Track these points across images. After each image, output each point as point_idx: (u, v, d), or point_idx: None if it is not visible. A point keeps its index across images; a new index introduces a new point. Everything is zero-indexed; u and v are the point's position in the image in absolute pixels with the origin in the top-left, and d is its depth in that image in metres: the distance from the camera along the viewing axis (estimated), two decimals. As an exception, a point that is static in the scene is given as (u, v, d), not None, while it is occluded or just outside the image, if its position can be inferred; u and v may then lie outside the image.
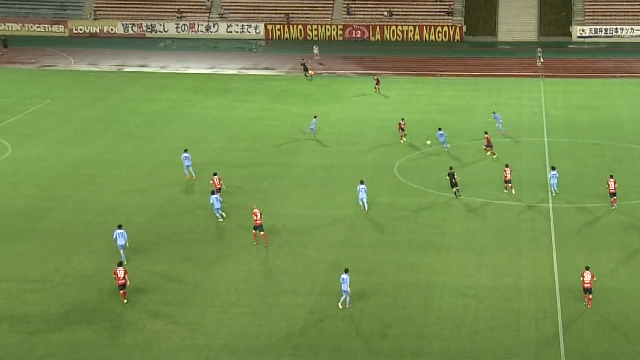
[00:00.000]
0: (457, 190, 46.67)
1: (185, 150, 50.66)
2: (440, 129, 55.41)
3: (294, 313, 34.40)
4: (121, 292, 35.16)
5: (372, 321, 33.86)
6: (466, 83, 75.61)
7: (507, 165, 48.31)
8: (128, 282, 35.19)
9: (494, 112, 60.55)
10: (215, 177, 46.23)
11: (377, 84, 71.19)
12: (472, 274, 37.88)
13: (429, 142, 55.06)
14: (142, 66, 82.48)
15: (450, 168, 48.01)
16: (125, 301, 35.15)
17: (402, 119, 57.70)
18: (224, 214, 43.58)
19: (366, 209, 44.71)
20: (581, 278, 35.17)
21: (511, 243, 41.09)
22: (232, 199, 46.64)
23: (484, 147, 53.71)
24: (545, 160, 53.26)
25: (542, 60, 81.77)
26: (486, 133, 54.60)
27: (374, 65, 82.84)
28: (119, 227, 39.14)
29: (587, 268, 35.33)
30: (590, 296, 34.93)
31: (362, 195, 44.76)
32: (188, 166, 49.60)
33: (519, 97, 70.32)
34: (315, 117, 59.02)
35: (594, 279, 34.99)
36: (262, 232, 40.71)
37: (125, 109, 66.39)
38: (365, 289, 36.24)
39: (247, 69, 79.98)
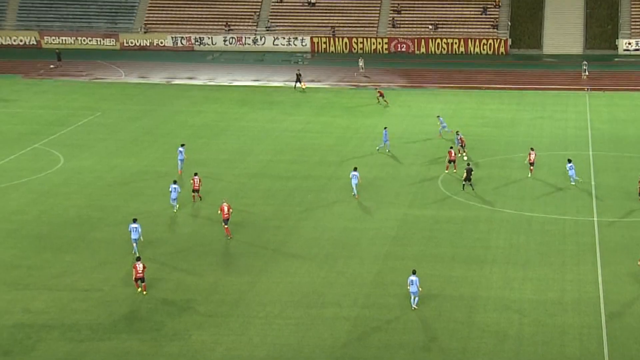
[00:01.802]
0: (467, 184, 49.28)
1: (182, 145, 54.11)
2: (385, 128, 57.73)
3: (338, 325, 34.75)
4: (141, 284, 37.38)
5: (416, 334, 34.08)
6: (511, 96, 75.45)
7: (532, 149, 52.83)
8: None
9: (438, 116, 62.53)
10: (196, 177, 48.61)
11: (380, 96, 71.59)
12: (516, 287, 37.90)
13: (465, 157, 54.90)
14: (190, 79, 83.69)
15: (468, 164, 50.64)
16: (145, 292, 37.32)
17: (458, 132, 57.48)
18: (177, 205, 47.05)
19: (355, 194, 48.65)
20: (639, 262, 38.20)
21: (556, 257, 41.01)
22: (277, 211, 47.25)
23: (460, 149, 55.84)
24: (590, 174, 53.00)
25: (587, 73, 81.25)
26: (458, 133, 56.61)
27: (419, 78, 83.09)
28: (134, 220, 41.46)
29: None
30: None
31: (355, 181, 48.52)
32: (181, 160, 53.27)
33: (564, 110, 70.00)
34: (385, 128, 58.49)
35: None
36: (226, 226, 43.13)
37: (173, 121, 67.48)
38: (409, 302, 36.44)
39: (293, 82, 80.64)
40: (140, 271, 37.32)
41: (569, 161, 51.33)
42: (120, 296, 37.35)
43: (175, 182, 47.56)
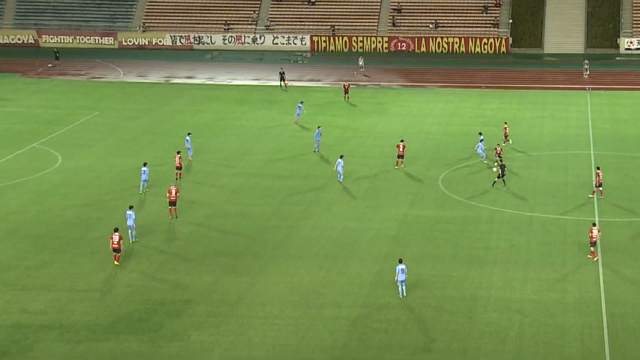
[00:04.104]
0: (499, 181, 49.81)
1: (189, 134, 56.43)
2: (319, 127, 58.27)
3: (337, 325, 34.55)
4: (115, 255, 39.78)
5: (416, 335, 33.87)
6: (512, 95, 75.28)
7: (506, 122, 59.42)
8: (122, 248, 40.05)
9: (302, 102, 66.13)
10: (178, 155, 52.02)
11: (345, 93, 72.12)
12: (516, 288, 37.70)
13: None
14: (189, 78, 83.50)
15: (501, 160, 50.89)
16: (117, 263, 39.81)
17: (498, 145, 54.48)
18: (146, 189, 49.35)
19: (340, 180, 50.78)
20: (590, 234, 40.07)
21: (557, 257, 40.80)
22: (276, 211, 47.06)
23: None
24: (591, 173, 52.79)
25: (588, 72, 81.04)
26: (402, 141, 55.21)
27: (419, 78, 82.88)
28: (130, 207, 42.83)
29: (594, 225, 40.55)
30: (593, 249, 40.14)
31: (340, 169, 50.67)
32: (189, 148, 55.37)
33: (566, 109, 69.86)
34: (319, 127, 58.82)
35: (600, 234, 40.23)
36: (174, 207, 45.53)
37: (172, 120, 67.28)
38: (409, 302, 36.28)
39: (292, 81, 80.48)
40: (116, 242, 39.53)
41: (480, 134, 55.22)
42: (119, 297, 37.14)
43: (145, 165, 49.62)
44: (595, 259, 40.11)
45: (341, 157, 51.65)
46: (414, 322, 34.82)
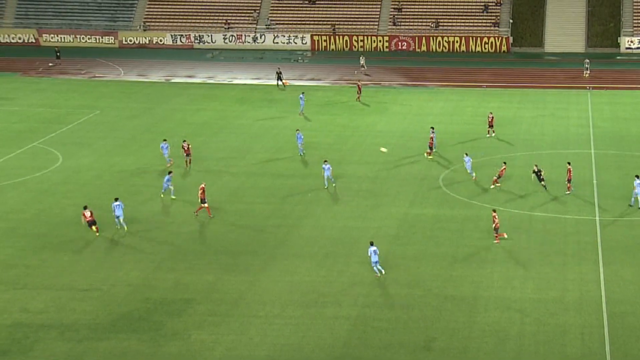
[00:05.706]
0: (544, 185, 49.29)
1: (164, 140, 55.73)
2: (298, 130, 57.89)
3: (338, 324, 34.55)
4: (93, 227, 42.73)
5: (416, 334, 33.86)
6: (512, 94, 75.24)
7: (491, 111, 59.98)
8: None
9: (303, 93, 67.47)
10: (185, 143, 54.20)
11: (358, 92, 72.23)
12: (517, 287, 37.69)
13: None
14: (189, 77, 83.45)
15: (536, 165, 49.92)
16: (97, 233, 42.81)
17: (503, 164, 51.86)
18: (163, 194, 49.03)
19: (326, 185, 50.00)
20: (494, 219, 41.95)
21: (557, 256, 40.78)
22: (277, 210, 47.04)
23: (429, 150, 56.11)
24: (592, 172, 52.80)
25: (589, 71, 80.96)
26: (432, 128, 57.30)
27: (420, 77, 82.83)
28: (116, 199, 44.11)
29: (494, 210, 42.70)
30: (496, 234, 42.00)
31: (327, 173, 49.83)
32: (165, 154, 55.17)
33: (566, 108, 69.82)
34: (297, 130, 58.21)
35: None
36: (205, 205, 45.65)
37: (173, 119, 67.25)
38: (410, 301, 36.29)
39: (292, 80, 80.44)
40: (89, 216, 42.51)
41: (466, 154, 53.10)
42: (119, 296, 37.14)
43: (170, 172, 49.75)
44: (497, 241, 42.01)
45: (325, 161, 50.73)
46: (415, 321, 34.81)
